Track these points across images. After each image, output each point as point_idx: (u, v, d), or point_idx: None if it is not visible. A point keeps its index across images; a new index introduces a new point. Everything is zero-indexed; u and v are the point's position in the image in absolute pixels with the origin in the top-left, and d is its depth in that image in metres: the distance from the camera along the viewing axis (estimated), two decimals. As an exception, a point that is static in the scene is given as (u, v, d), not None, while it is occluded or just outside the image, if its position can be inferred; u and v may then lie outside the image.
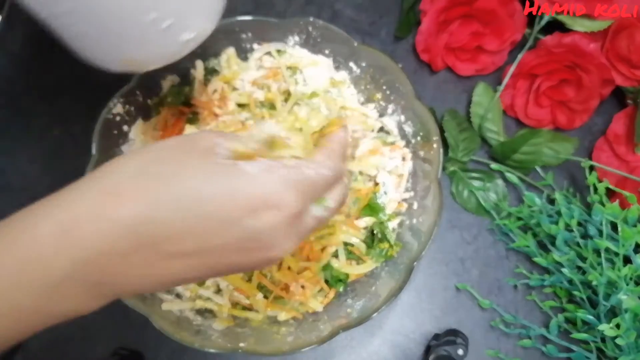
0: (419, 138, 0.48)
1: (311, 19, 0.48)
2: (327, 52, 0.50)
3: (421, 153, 0.48)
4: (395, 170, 0.49)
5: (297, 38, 0.50)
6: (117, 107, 0.46)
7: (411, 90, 0.47)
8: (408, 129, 0.49)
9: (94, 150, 0.44)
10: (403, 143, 0.50)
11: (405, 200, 0.49)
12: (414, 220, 0.47)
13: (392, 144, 0.50)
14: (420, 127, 0.48)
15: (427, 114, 0.46)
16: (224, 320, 0.45)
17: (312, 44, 0.50)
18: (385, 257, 0.47)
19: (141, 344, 0.51)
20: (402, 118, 0.49)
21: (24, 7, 0.30)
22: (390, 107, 0.50)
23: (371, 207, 0.48)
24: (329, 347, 0.53)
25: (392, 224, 0.49)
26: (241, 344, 0.43)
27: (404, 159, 0.49)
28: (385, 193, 0.48)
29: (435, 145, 0.46)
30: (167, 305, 0.44)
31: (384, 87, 0.50)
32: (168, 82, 0.50)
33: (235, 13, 0.48)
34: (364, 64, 0.50)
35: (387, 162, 0.49)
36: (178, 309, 0.45)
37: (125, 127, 0.47)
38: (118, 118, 0.46)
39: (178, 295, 0.46)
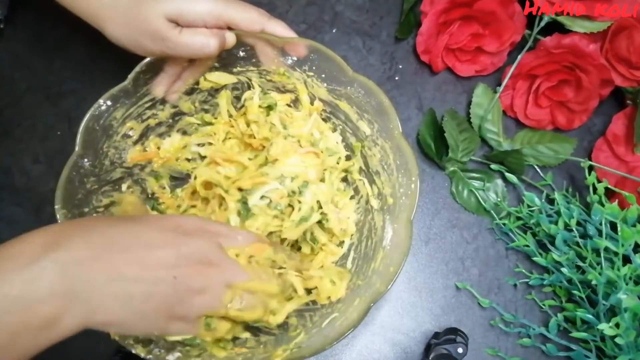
0: (401, 175, 0.46)
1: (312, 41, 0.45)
2: (323, 76, 0.47)
3: (401, 190, 0.45)
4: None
5: (295, 57, 0.47)
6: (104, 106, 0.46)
7: (398, 126, 0.44)
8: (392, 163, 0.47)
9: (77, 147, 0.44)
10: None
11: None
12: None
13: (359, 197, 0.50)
14: (401, 164, 0.45)
15: (410, 153, 0.44)
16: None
17: (309, 65, 0.47)
18: None
19: (143, 343, 0.52)
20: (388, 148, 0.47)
21: None
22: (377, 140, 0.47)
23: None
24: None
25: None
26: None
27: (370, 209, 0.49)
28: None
29: (413, 186, 0.43)
30: None
31: (373, 122, 0.47)
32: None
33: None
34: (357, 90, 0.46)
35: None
36: None
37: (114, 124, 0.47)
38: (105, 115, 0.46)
39: None
